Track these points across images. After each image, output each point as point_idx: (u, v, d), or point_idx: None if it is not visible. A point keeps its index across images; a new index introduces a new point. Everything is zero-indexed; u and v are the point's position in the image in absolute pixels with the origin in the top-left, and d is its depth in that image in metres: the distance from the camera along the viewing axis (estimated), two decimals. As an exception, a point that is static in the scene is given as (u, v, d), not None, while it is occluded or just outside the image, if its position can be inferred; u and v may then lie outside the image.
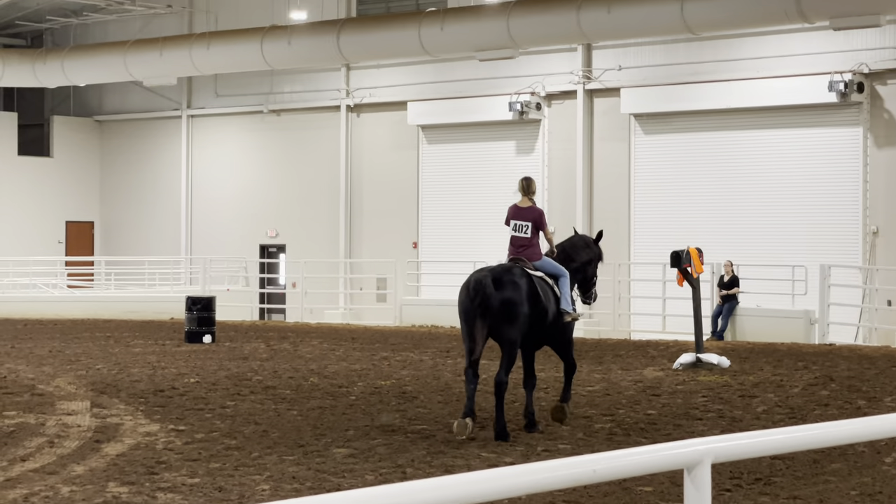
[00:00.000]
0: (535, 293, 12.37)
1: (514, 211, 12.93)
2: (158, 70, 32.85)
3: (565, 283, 12.81)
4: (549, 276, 12.72)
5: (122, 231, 39.32)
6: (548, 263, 12.86)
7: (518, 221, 12.86)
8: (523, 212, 12.86)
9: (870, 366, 18.64)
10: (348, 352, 21.54)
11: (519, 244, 12.83)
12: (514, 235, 12.87)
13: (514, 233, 12.87)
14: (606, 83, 29.99)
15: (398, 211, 33.59)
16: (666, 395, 15.67)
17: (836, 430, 4.03)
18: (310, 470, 10.62)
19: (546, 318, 12.55)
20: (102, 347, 22.20)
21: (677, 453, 3.59)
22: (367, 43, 29.60)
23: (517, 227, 12.85)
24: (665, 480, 9.92)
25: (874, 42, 26.55)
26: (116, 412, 14.03)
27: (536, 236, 12.86)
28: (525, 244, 12.80)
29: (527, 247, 12.80)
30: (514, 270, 12.41)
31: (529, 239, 12.80)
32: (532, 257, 12.76)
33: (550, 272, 12.79)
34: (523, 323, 12.31)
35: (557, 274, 12.82)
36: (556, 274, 12.82)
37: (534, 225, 12.80)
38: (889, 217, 26.64)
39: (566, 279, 12.83)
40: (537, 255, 12.82)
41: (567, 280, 12.84)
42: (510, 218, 12.97)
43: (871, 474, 10.40)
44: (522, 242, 12.81)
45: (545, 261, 12.87)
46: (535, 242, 12.83)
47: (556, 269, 12.86)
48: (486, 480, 3.22)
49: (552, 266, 12.86)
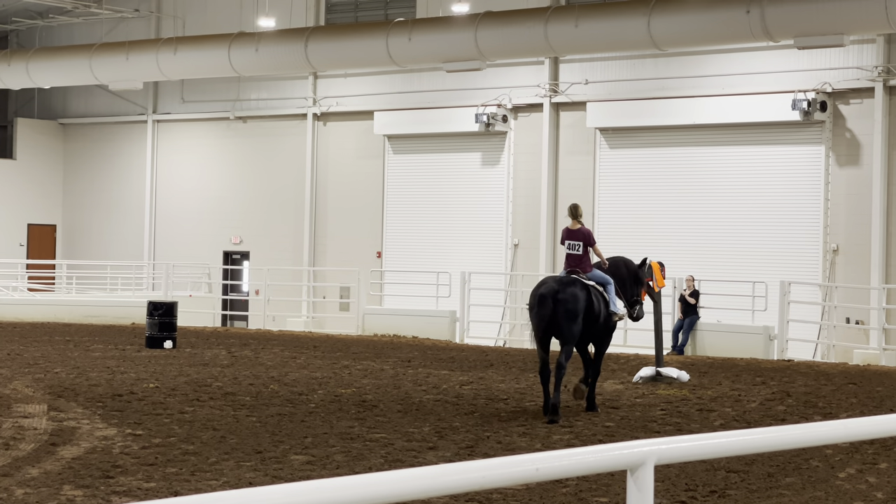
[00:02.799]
0: (590, 300, 14.96)
1: (567, 233, 15.50)
2: (124, 74, 32.69)
3: (611, 289, 15.42)
4: (598, 285, 15.26)
5: (84, 235, 39.07)
6: (597, 274, 15.43)
7: (571, 241, 15.38)
8: (574, 233, 15.40)
9: (827, 382, 18.80)
10: (309, 360, 21.50)
11: (573, 260, 15.34)
12: (569, 253, 15.37)
13: (568, 251, 15.39)
14: (573, 97, 30.13)
15: (363, 220, 33.57)
16: (625, 407, 15.75)
17: (781, 435, 4.08)
18: (267, 476, 10.60)
19: (598, 320, 15.11)
20: (62, 351, 22.05)
21: (620, 454, 3.62)
22: (334, 52, 29.59)
23: (571, 245, 15.37)
24: (621, 491, 9.96)
25: (838, 62, 26.83)
26: (73, 416, 13.94)
27: (587, 252, 15.36)
28: (578, 259, 15.31)
29: (579, 262, 15.29)
30: (573, 282, 14.98)
31: (581, 255, 15.31)
32: (585, 269, 15.28)
33: (599, 281, 15.34)
34: (580, 324, 14.81)
35: (605, 282, 15.40)
36: (604, 282, 15.39)
37: (584, 243, 15.33)
38: (849, 235, 26.89)
39: (612, 286, 15.45)
40: (589, 268, 15.38)
41: (612, 287, 15.46)
42: (564, 238, 15.50)
43: (825, 489, 10.49)
44: (576, 258, 15.33)
45: (595, 272, 15.44)
46: (586, 257, 15.37)
47: (604, 278, 15.44)
48: (424, 477, 3.24)
49: (600, 276, 15.44)
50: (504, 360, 22.28)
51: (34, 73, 34.19)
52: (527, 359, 22.48)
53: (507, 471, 3.34)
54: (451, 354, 23.18)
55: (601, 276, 15.45)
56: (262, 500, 3.09)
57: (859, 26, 23.76)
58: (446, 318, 28.03)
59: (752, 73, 27.81)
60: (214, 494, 3.10)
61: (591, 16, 25.96)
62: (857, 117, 26.89)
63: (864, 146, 26.73)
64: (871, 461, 11.71)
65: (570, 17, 26.13)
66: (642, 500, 3.53)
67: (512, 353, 23.94)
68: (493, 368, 20.59)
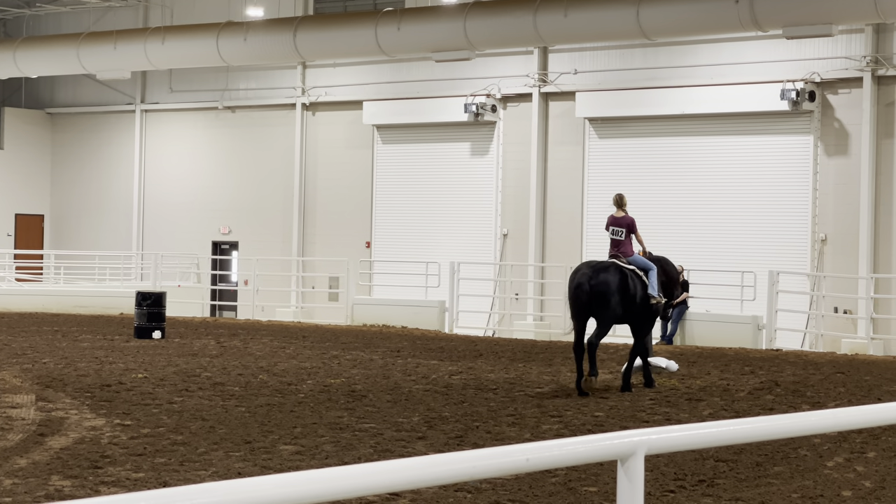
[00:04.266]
0: (625, 284, 15.81)
1: (612, 220, 16.47)
2: (112, 64, 32.58)
3: (653, 275, 16.18)
4: (640, 269, 16.05)
5: (72, 225, 38.97)
6: (638, 259, 16.26)
7: (615, 227, 16.35)
8: (619, 220, 16.40)
9: (815, 371, 18.85)
10: (298, 350, 21.48)
11: (616, 245, 16.28)
12: (613, 238, 16.30)
13: (612, 236, 16.32)
14: (562, 87, 30.12)
15: (352, 210, 33.54)
16: (614, 397, 15.77)
17: (770, 425, 4.08)
18: (256, 466, 10.59)
19: (634, 302, 15.92)
20: (50, 342, 22.00)
21: (611, 444, 3.62)
22: (323, 41, 29.53)
23: (615, 231, 16.32)
24: (610, 481, 9.97)
25: (826, 52, 26.85)
26: (62, 406, 13.91)
27: (629, 238, 16.29)
28: (620, 244, 16.26)
29: (621, 246, 16.24)
30: (610, 266, 15.92)
31: (623, 241, 16.25)
32: (626, 254, 16.20)
33: (641, 266, 16.17)
34: (615, 306, 15.74)
35: (647, 267, 16.20)
36: (646, 267, 16.20)
37: (627, 230, 16.29)
38: (837, 225, 26.95)
39: (654, 272, 16.21)
40: (630, 252, 16.26)
41: (654, 272, 16.21)
42: (609, 225, 16.45)
43: (813, 478, 10.52)
44: (618, 243, 16.28)
45: (636, 257, 16.29)
46: (628, 242, 16.27)
47: (646, 263, 16.27)
48: (414, 468, 3.23)
49: (642, 261, 16.28)
50: (493, 349, 22.29)
51: (21, 62, 34.06)
52: (516, 349, 22.50)
53: (497, 461, 3.33)
54: (441, 344, 23.19)
55: (643, 262, 16.25)
56: (252, 491, 3.08)
57: (848, 16, 23.79)
58: (436, 308, 28.03)
59: (741, 63, 27.83)
60: (203, 485, 3.09)
61: (581, 5, 25.94)
62: (845, 107, 26.93)
63: (853, 136, 26.78)
64: (859, 450, 11.74)
65: (559, 7, 26.11)
66: (632, 490, 3.53)
67: (501, 343, 23.96)
68: (483, 358, 20.60)
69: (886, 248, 26.39)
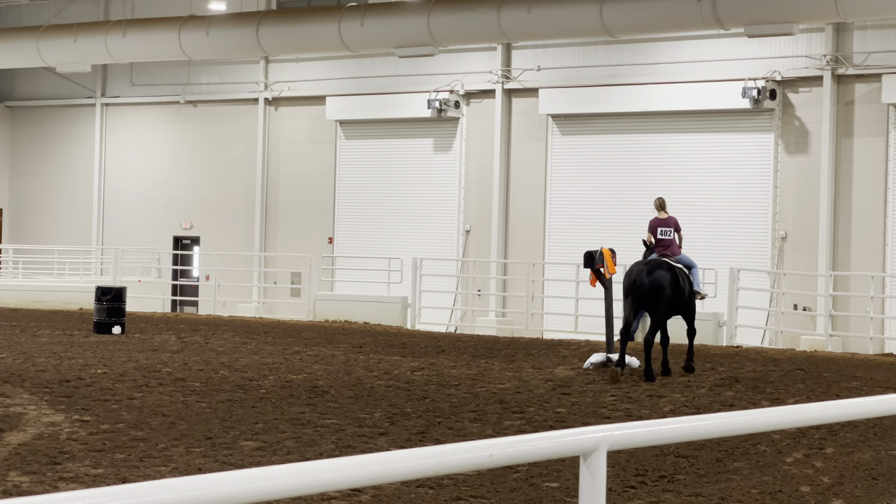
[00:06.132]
0: (677, 280, 17.18)
1: (658, 221, 17.87)
2: (72, 56, 32.30)
3: (696, 271, 17.77)
4: (686, 267, 17.44)
5: (31, 219, 38.62)
6: (684, 258, 17.66)
7: (663, 228, 17.75)
8: (665, 221, 17.84)
9: (775, 367, 18.99)
10: (260, 345, 21.40)
11: (664, 244, 17.65)
12: (661, 238, 17.68)
13: (661, 237, 17.70)
14: (525, 83, 30.17)
15: (314, 205, 33.45)
16: (576, 393, 15.82)
17: (730, 421, 4.11)
18: (217, 462, 10.54)
19: (683, 297, 17.33)
20: (7, 336, 21.80)
21: (574, 440, 3.63)
22: (286, 36, 29.42)
23: (663, 232, 17.72)
24: (572, 477, 10.00)
25: (787, 50, 27.05)
26: (20, 402, 13.78)
27: (675, 238, 17.71)
28: (668, 244, 17.64)
29: (668, 246, 17.62)
30: (663, 264, 17.22)
31: (671, 240, 17.65)
32: (674, 252, 17.61)
33: (686, 263, 17.56)
34: (667, 301, 17.08)
35: (691, 265, 17.64)
36: (690, 265, 17.63)
37: (674, 229, 17.73)
38: (797, 222, 27.16)
39: (697, 269, 17.81)
40: (677, 251, 17.70)
41: (697, 269, 17.84)
42: (656, 226, 17.82)
43: (773, 473, 10.60)
44: (667, 243, 17.65)
45: (682, 255, 17.70)
46: (675, 243, 17.71)
47: (690, 261, 17.76)
48: (376, 463, 3.22)
49: (687, 259, 17.70)
50: (455, 346, 22.30)
51: (-20, 55, 33.70)
52: (478, 345, 22.53)
53: (460, 457, 3.33)
54: (403, 340, 23.17)
55: (688, 260, 17.70)
56: (212, 487, 3.06)
57: (808, 15, 23.96)
58: (398, 304, 28.00)
59: (703, 61, 27.98)
60: (163, 481, 3.07)
61: (544, 2, 25.99)
62: (805, 105, 27.15)
63: (813, 134, 27.00)
64: (817, 446, 11.84)
65: (522, 4, 26.15)
66: (595, 486, 3.54)
67: (463, 339, 23.98)
68: (445, 354, 20.61)
69: (845, 245, 26.63)
